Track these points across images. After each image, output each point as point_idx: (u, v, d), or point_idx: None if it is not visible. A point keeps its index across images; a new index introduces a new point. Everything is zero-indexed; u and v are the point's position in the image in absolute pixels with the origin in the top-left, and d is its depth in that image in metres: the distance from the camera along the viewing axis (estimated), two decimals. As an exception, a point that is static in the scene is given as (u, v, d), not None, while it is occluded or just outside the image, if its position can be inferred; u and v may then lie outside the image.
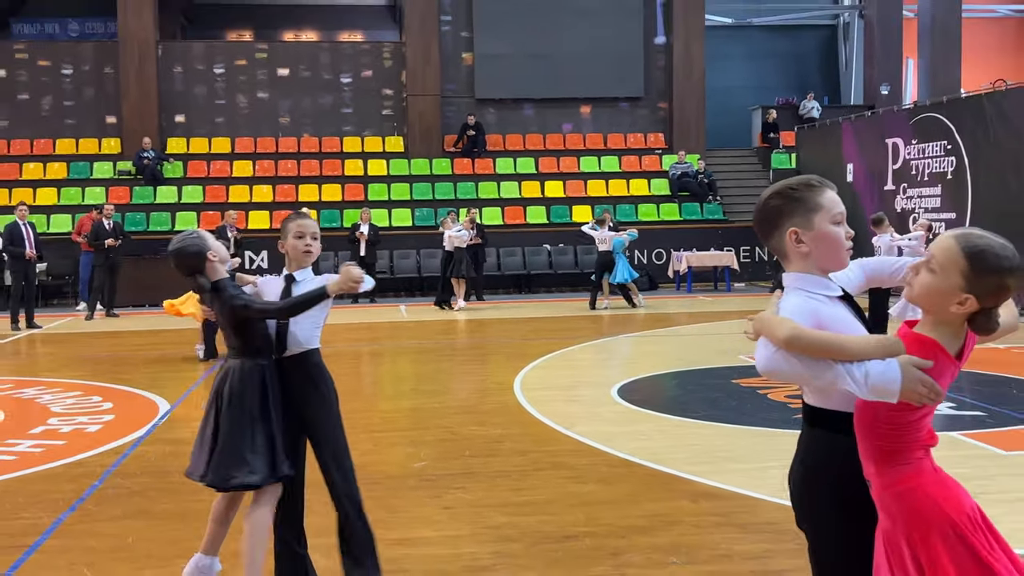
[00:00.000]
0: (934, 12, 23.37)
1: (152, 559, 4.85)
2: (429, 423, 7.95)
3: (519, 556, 4.77)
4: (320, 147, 23.60)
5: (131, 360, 11.79)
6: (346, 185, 22.45)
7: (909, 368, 2.40)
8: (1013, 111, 14.40)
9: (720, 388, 9.11)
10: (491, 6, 23.69)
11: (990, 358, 10.66)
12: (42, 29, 26.42)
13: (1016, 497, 5.55)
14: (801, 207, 2.66)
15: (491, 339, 13.86)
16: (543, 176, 23.22)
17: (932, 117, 16.33)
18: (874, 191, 18.00)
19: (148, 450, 7.10)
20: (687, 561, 4.63)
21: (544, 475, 6.21)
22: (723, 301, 18.12)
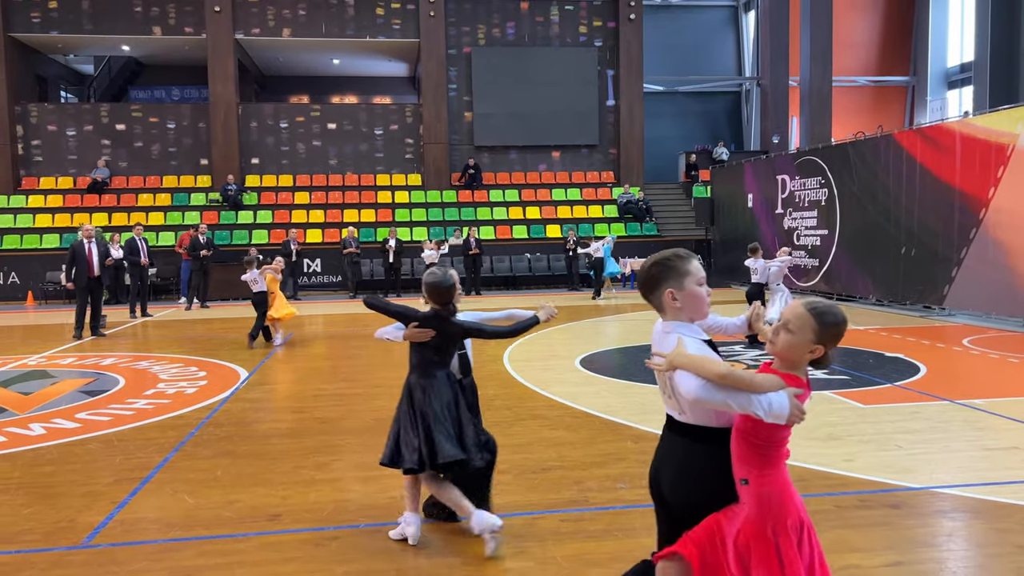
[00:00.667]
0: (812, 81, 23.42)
1: (236, 487, 4.85)
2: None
3: (508, 484, 4.78)
4: (359, 182, 23.52)
5: (219, 340, 11.76)
6: (378, 210, 22.38)
7: (792, 398, 2.47)
8: (869, 156, 14.47)
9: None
10: (485, 78, 23.66)
11: (853, 337, 10.73)
12: (152, 94, 26.28)
13: (870, 438, 5.60)
14: (675, 273, 2.66)
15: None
16: (525, 203, 23.20)
17: (811, 159, 16.39)
18: (768, 214, 18.05)
19: (232, 407, 7.08)
20: (631, 486, 4.64)
21: (525, 424, 6.22)
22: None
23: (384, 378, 8.42)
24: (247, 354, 10.20)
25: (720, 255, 20.50)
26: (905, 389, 7.25)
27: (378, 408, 6.91)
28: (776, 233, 17.66)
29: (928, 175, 12.94)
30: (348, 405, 7.05)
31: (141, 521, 4.31)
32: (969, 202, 12.09)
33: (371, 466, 5.17)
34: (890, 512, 4.22)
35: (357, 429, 6.17)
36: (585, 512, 4.28)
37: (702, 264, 2.74)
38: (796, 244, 16.80)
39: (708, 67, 28.29)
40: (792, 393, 2.49)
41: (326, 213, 22.15)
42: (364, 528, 4.14)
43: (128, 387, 8.05)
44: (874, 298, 14.49)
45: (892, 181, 13.80)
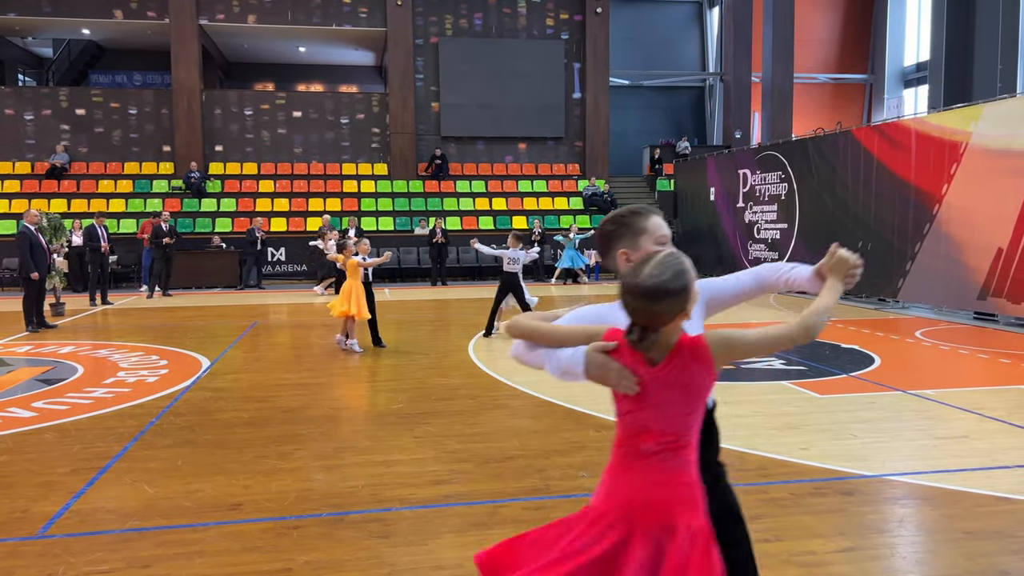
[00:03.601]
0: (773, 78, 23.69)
1: (197, 476, 4.77)
2: (405, 375, 7.91)
3: (470, 473, 4.77)
4: (325, 170, 23.26)
5: (181, 328, 11.57)
6: (344, 199, 22.16)
7: (594, 353, 2.01)
8: (828, 151, 14.67)
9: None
10: (453, 68, 23.53)
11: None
12: (113, 79, 25.71)
13: (826, 428, 5.68)
14: (629, 231, 2.34)
15: (452, 314, 13.82)
16: (491, 194, 23.15)
17: (771, 155, 16.57)
18: (730, 207, 18.23)
19: (194, 395, 6.97)
20: (592, 475, 4.66)
21: (489, 413, 6.22)
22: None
23: (345, 367, 8.35)
24: (209, 343, 10.05)
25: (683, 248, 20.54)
26: (860, 380, 7.37)
27: (339, 397, 6.85)
28: (737, 227, 17.85)
29: (885, 171, 13.16)
30: (310, 394, 6.98)
31: (98, 511, 4.22)
32: (923, 198, 12.33)
33: (333, 455, 5.12)
34: (844, 499, 4.29)
35: (319, 418, 6.12)
36: (547, 500, 4.29)
37: (666, 221, 2.41)
38: (757, 237, 17.00)
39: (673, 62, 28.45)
40: (597, 347, 2.00)
41: (291, 202, 21.87)
42: (327, 517, 4.10)
43: (87, 376, 7.88)
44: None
45: (850, 176, 14.01)
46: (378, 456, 5.11)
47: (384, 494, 4.42)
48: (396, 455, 5.14)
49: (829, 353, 8.81)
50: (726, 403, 6.39)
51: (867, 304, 13.54)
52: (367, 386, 7.37)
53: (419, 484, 4.58)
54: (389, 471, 4.82)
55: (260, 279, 18.73)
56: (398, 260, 20.48)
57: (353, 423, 5.97)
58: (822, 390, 6.90)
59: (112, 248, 15.45)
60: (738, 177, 17.84)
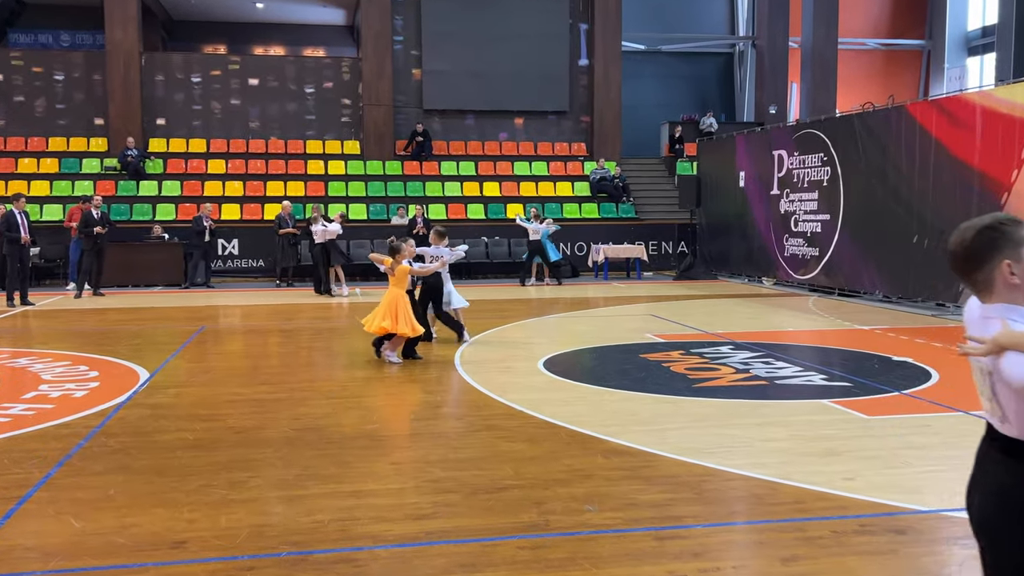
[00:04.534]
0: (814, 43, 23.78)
1: (133, 509, 4.76)
2: (379, 390, 7.91)
3: (456, 505, 4.77)
4: (286, 149, 23.26)
5: (115, 334, 11.54)
6: (308, 182, 22.16)
7: None
8: (878, 129, 14.71)
9: (630, 361, 9.20)
10: (437, 28, 23.55)
11: (856, 337, 10.93)
12: (36, 39, 25.63)
13: (873, 455, 5.70)
14: (1010, 241, 2.42)
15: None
16: (482, 178, 23.18)
17: (811, 133, 16.61)
18: (762, 195, 18.27)
19: (129, 413, 6.96)
20: (599, 508, 4.67)
21: (479, 435, 6.22)
22: (634, 287, 18.28)
23: (310, 381, 8.34)
24: (148, 351, 10.03)
25: (707, 242, 20.71)
26: (914, 398, 7.40)
27: (302, 416, 6.85)
28: (771, 217, 17.89)
29: (945, 153, 13.21)
30: (268, 412, 6.97)
31: (15, 549, 4.21)
32: (990, 185, 12.38)
33: (294, 483, 5.12)
34: (895, 539, 4.31)
35: (278, 440, 6.11)
36: (546, 538, 4.29)
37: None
38: (794, 230, 17.05)
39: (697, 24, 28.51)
40: None
41: (246, 185, 21.87)
42: (286, 557, 4.10)
43: (3, 390, 7.85)
44: (880, 293, 14.77)
45: (904, 159, 14.06)
46: (347, 485, 5.11)
47: (354, 530, 4.41)
48: (369, 484, 5.13)
49: (878, 367, 8.84)
50: (756, 424, 6.41)
51: (923, 310, 13.59)
52: (335, 403, 7.36)
53: (396, 519, 4.58)
54: (360, 503, 4.81)
55: (209, 276, 18.71)
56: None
57: (318, 446, 5.96)
58: (869, 410, 6.92)
59: (34, 239, 15.38)
60: (772, 159, 17.89)
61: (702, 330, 11.50)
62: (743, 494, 4.99)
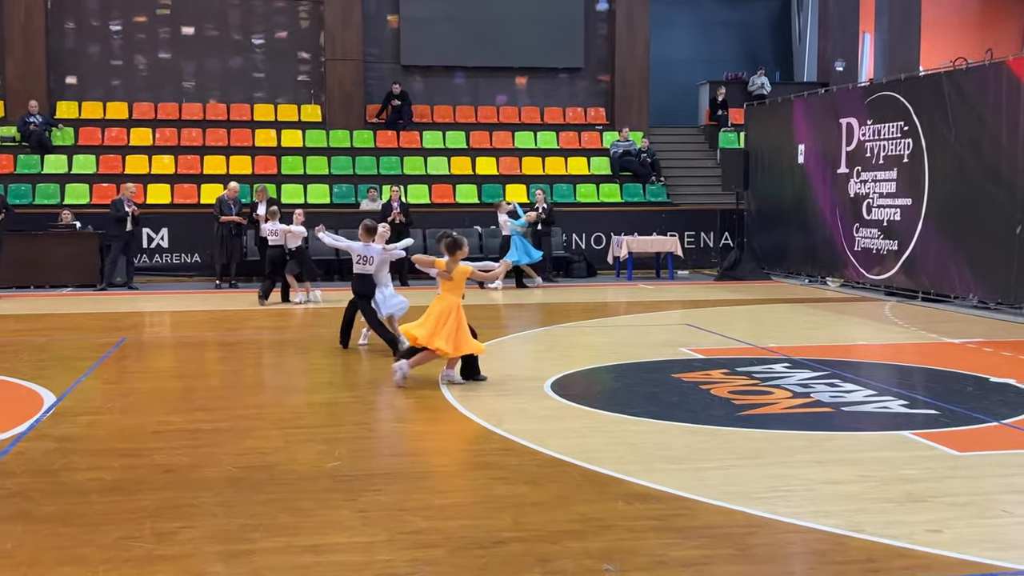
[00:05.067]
0: (893, -16, 23.76)
1: (35, 566, 4.75)
2: (344, 419, 7.90)
3: (440, 563, 4.77)
4: (228, 115, 23.27)
5: (12, 347, 11.52)
6: (256, 157, 22.17)
7: None
8: (973, 91, 14.69)
9: (660, 382, 9.18)
10: (419, -36, 23.58)
11: (945, 353, 10.92)
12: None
13: (966, 501, 5.69)
14: None
15: (414, 328, 13.82)
16: (474, 152, 23.19)
17: (889, 96, 16.60)
18: (826, 174, 18.26)
19: (30, 447, 6.94)
20: (621, 568, 4.67)
21: (469, 476, 6.21)
22: (665, 290, 18.27)
23: (258, 407, 8.33)
24: (55, 369, 10.02)
25: (756, 233, 20.70)
26: (1017, 429, 7.39)
27: (248, 450, 6.85)
28: (837, 202, 17.89)
29: (1055, 122, 13.20)
30: (205, 446, 6.97)
31: None
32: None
33: (238, 536, 5.12)
34: (991, 606, 4.30)
35: (218, 481, 6.11)
36: (554, 605, 4.29)
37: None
38: (867, 218, 17.05)
39: (744, -42, 28.50)
40: None
41: (178, 161, 21.88)
42: (226, 628, 4.10)
43: None
44: (976, 298, 14.76)
45: (1005, 130, 14.05)
46: (304, 538, 5.10)
47: (312, 594, 4.41)
48: (331, 536, 5.13)
49: (972, 390, 8.82)
50: (819, 462, 6.41)
51: (1028, 318, 13.59)
52: (289, 434, 7.36)
53: (364, 580, 4.58)
54: (321, 560, 4.81)
55: (131, 275, 18.72)
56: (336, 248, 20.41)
57: (268, 489, 5.96)
58: (960, 444, 6.91)
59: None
60: (839, 129, 17.89)
61: (750, 343, 11.49)
62: (800, 550, 4.98)
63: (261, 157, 22.19)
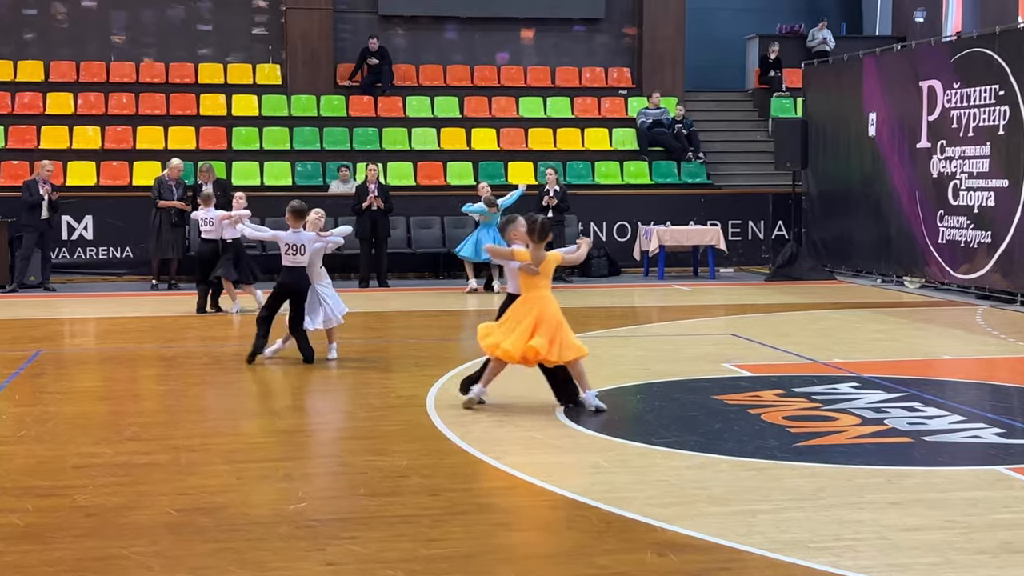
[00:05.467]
0: (985, -84, 23.74)
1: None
2: (310, 451, 7.88)
3: (428, 628, 4.77)
4: (167, 76, 23.21)
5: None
6: (202, 129, 22.13)
7: None
8: (1084, 48, 14.68)
9: (698, 406, 9.16)
10: None
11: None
12: None
13: (1077, 551, 5.68)
14: None
15: (396, 339, 13.76)
16: (469, 122, 23.12)
17: (980, 53, 16.56)
18: (903, 150, 18.21)
19: (-75, 485, 6.95)
20: (651, 634, 4.66)
21: (465, 520, 6.20)
22: (705, 292, 18.24)
23: (203, 434, 8.32)
24: (-46, 389, 10.02)
25: (817, 221, 20.66)
26: None
27: (191, 490, 6.83)
28: (916, 184, 17.85)
29: None
30: (139, 484, 6.96)
31: None
32: None
33: (180, 595, 5.11)
34: None
35: (154, 527, 6.10)
36: None
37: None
38: (953, 204, 17.01)
39: None
40: None
41: (105, 133, 21.86)
42: None
43: None
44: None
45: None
46: (260, 597, 5.10)
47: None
48: (293, 595, 5.13)
49: (1082, 415, 8.82)
50: (892, 504, 6.39)
51: None
52: (242, 470, 7.35)
53: (335, 649, 4.57)
54: (280, 625, 4.80)
55: (47, 273, 18.71)
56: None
57: (216, 536, 5.95)
58: (1069, 483, 6.90)
59: None
60: (919, 95, 17.85)
61: (810, 358, 11.47)
62: (873, 612, 4.97)
63: (208, 129, 22.14)
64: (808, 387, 9.83)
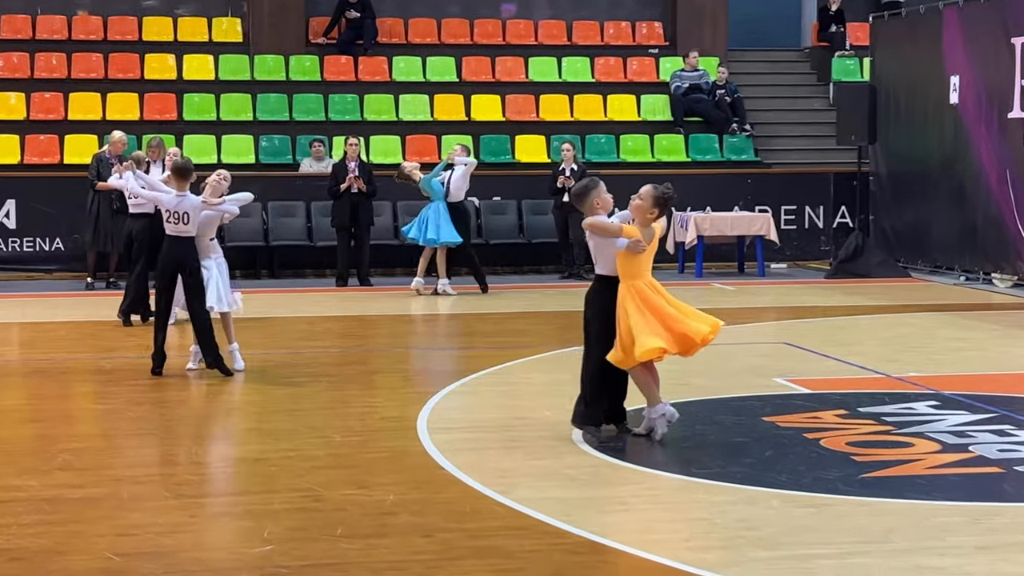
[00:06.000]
0: None
1: None
2: (278, 483, 7.89)
3: None
4: (105, 33, 23.27)
5: None
6: (147, 96, 22.16)
7: None
8: None
9: (745, 429, 9.16)
10: None
11: None
12: None
13: None
14: None
15: (381, 348, 13.75)
16: (469, 87, 23.14)
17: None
18: (992, 120, 18.18)
19: None
20: None
21: (463, 568, 6.20)
22: (753, 292, 18.25)
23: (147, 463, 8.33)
24: None
25: (888, 207, 20.64)
26: None
27: (135, 529, 6.84)
28: (1008, 161, 17.83)
29: None
30: (72, 522, 6.96)
31: None
32: None
33: None
34: None
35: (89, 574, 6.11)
36: None
37: None
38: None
39: None
40: None
41: (31, 101, 21.90)
42: None
43: None
44: None
45: None
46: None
47: None
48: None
49: None
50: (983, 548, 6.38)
51: None
52: (196, 505, 7.35)
53: None
54: None
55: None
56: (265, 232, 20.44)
57: (163, 586, 5.96)
58: None
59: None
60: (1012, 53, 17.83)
61: (879, 372, 11.47)
62: None
63: (154, 95, 22.17)
64: (877, 406, 9.83)
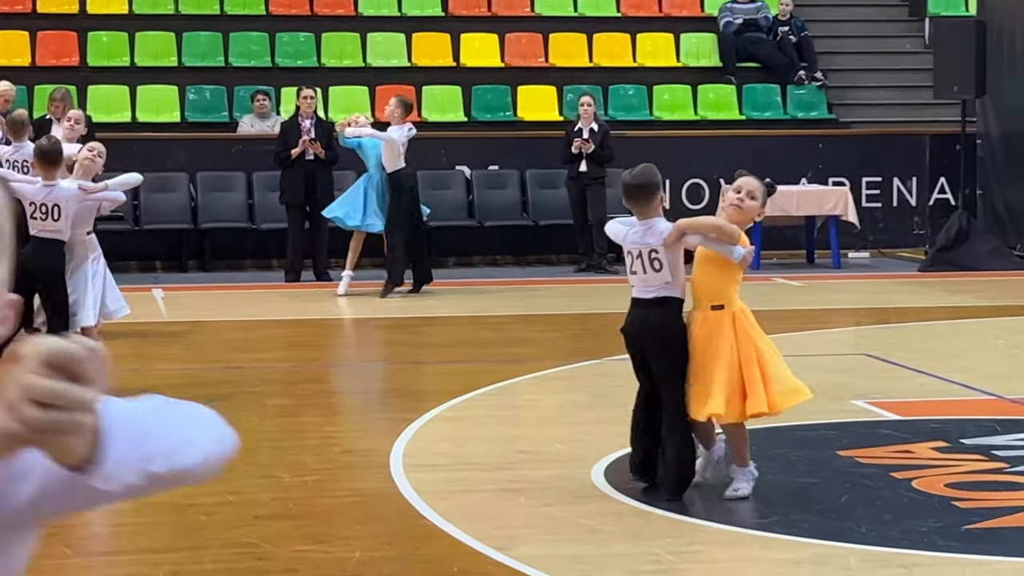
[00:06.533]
0: None
1: None
2: (210, 536, 7.95)
3: None
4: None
5: None
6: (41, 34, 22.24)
7: None
8: None
9: (815, 466, 9.21)
10: None
11: None
12: None
13: None
14: None
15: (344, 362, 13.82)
16: (457, 23, 23.20)
17: None
18: None
19: None
20: None
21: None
22: (826, 288, 18.30)
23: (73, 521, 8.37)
24: None
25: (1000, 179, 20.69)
26: None
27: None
28: None
29: None
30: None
31: None
32: None
33: None
34: None
35: None
36: None
37: None
38: None
39: None
40: None
41: None
42: None
43: None
44: None
45: None
46: None
47: None
48: None
49: None
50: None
51: None
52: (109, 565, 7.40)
53: None
54: None
55: None
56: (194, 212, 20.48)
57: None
58: None
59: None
60: None
61: (989, 392, 11.51)
62: None
63: (49, 33, 22.25)
64: (985, 437, 9.87)
